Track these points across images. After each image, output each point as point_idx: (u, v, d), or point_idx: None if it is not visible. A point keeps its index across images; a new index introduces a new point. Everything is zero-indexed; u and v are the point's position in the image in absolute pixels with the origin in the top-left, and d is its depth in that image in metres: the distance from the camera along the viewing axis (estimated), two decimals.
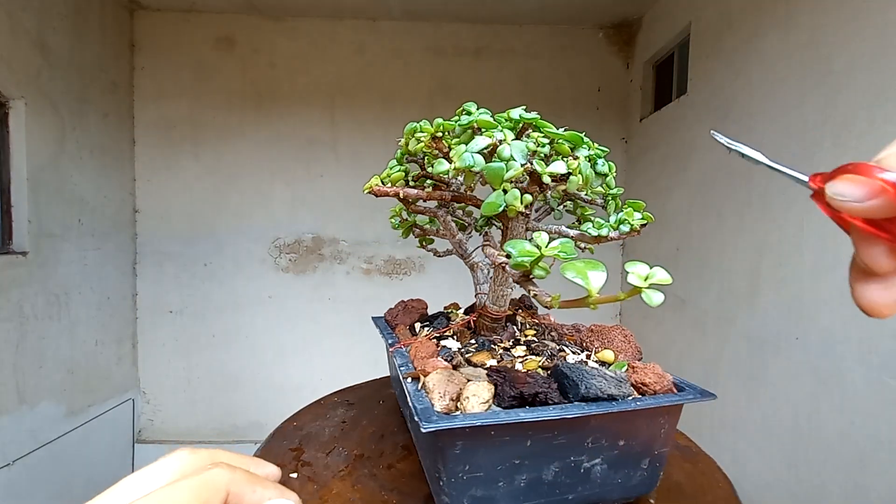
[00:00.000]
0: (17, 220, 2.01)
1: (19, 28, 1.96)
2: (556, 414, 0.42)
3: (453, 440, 0.42)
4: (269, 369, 2.86)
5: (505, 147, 0.47)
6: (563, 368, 0.47)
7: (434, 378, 0.48)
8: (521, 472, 0.45)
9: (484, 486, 0.44)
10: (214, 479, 0.23)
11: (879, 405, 1.16)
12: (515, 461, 0.44)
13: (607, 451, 0.46)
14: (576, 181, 0.47)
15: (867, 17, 1.23)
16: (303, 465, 0.63)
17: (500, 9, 2.65)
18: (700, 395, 0.47)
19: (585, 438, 0.45)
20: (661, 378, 0.49)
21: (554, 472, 0.45)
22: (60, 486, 2.22)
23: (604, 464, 0.46)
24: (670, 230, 2.30)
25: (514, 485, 0.45)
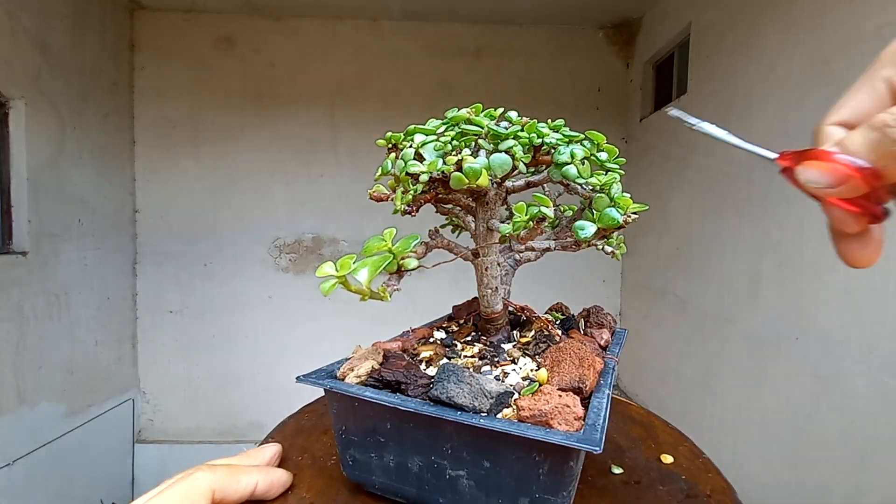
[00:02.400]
0: (17, 220, 2.01)
1: (19, 28, 1.96)
2: (388, 401, 0.44)
3: (332, 400, 0.49)
4: (269, 369, 2.86)
5: (409, 150, 0.51)
6: (444, 367, 0.47)
7: (361, 352, 0.55)
8: (389, 453, 0.48)
9: (359, 451, 0.49)
10: (196, 481, 0.25)
11: (879, 405, 1.16)
12: (380, 438, 0.47)
13: (471, 466, 0.44)
14: (458, 178, 0.48)
15: (867, 17, 1.23)
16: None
17: (500, 9, 2.65)
18: (573, 440, 0.38)
19: (443, 443, 0.45)
20: (551, 409, 0.42)
21: (419, 465, 0.46)
22: (60, 486, 2.22)
23: (470, 479, 0.44)
24: (670, 230, 2.29)
25: (384, 461, 0.48)
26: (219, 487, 0.25)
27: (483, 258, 0.58)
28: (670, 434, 0.76)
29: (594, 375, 0.49)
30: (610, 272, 2.96)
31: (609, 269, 2.95)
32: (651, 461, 0.64)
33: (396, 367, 0.50)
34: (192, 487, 0.24)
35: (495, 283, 0.60)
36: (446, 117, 0.55)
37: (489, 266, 0.59)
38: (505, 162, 0.49)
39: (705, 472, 0.63)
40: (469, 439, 0.43)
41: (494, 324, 0.62)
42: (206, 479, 0.25)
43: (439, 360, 0.56)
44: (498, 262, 0.60)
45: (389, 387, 0.48)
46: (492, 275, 0.59)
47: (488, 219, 0.57)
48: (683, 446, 0.71)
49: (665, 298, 2.34)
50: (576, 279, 2.89)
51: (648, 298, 2.55)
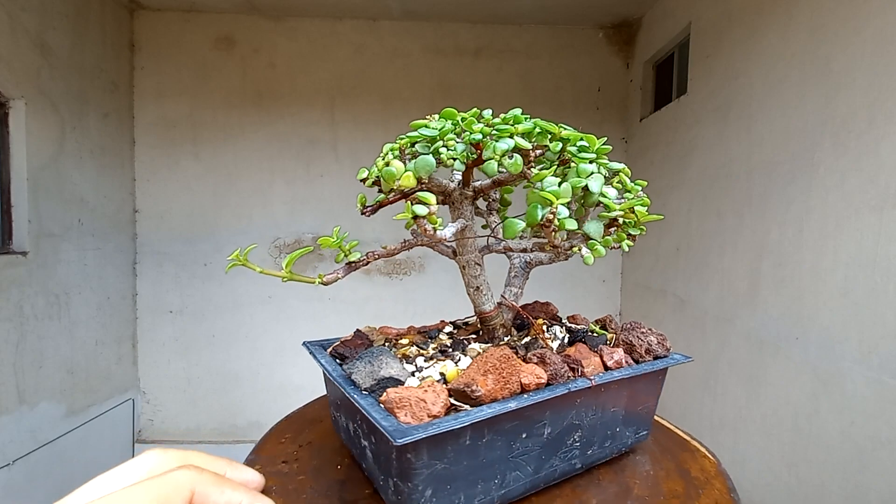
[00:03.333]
0: (17, 220, 2.01)
1: (19, 28, 1.96)
2: (323, 367, 0.55)
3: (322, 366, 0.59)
4: (269, 369, 2.86)
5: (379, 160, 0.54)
6: (371, 350, 0.54)
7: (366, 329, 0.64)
8: (340, 414, 0.58)
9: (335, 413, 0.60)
10: (178, 479, 0.23)
11: (879, 405, 1.16)
12: (337, 402, 0.58)
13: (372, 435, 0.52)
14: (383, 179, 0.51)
15: (867, 17, 1.23)
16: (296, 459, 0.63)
17: (500, 9, 2.65)
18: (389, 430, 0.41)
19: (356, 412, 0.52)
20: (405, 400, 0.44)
21: (353, 428, 0.55)
22: (60, 486, 2.22)
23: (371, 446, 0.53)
24: (670, 230, 2.30)
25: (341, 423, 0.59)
26: (200, 491, 0.24)
27: (459, 257, 0.59)
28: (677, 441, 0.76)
29: (503, 388, 0.47)
30: (610, 272, 2.96)
31: (609, 269, 2.95)
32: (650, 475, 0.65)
33: (354, 345, 0.59)
34: (171, 482, 0.23)
35: (476, 283, 0.60)
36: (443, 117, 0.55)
37: (466, 265, 0.60)
38: (427, 163, 0.51)
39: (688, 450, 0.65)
40: (351, 406, 0.51)
41: (487, 324, 0.62)
42: (189, 477, 0.24)
43: (409, 347, 0.61)
44: (477, 262, 0.60)
45: (341, 357, 0.57)
46: (471, 273, 0.60)
47: (457, 217, 0.58)
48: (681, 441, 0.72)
49: (665, 298, 2.34)
50: (576, 279, 2.89)
51: (648, 298, 2.55)
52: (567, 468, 0.54)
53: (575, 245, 0.56)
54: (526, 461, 0.50)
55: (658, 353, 0.63)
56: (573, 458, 0.54)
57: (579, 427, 0.54)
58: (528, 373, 0.49)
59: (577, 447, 0.54)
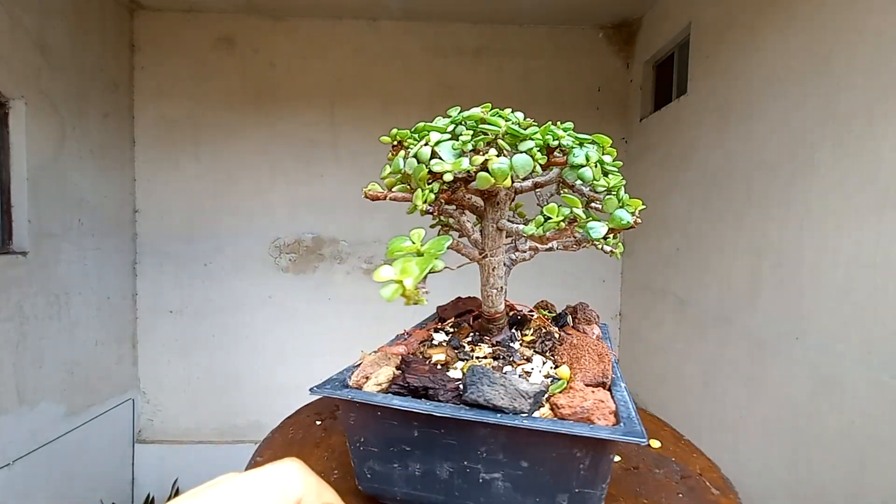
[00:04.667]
0: (17, 220, 2.01)
1: (19, 28, 1.96)
2: (422, 408, 0.43)
3: (348, 410, 0.46)
4: (269, 369, 2.86)
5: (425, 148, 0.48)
6: (473, 369, 0.46)
7: (368, 359, 0.52)
8: (414, 461, 0.46)
9: (380, 463, 0.47)
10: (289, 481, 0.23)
11: (879, 405, 1.16)
12: (406, 447, 0.46)
13: (507, 468, 0.43)
14: (484, 177, 0.47)
15: (867, 17, 1.23)
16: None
17: (500, 9, 2.65)
18: (619, 434, 0.39)
19: (476, 446, 0.44)
20: (591, 406, 0.42)
21: (448, 471, 0.45)
22: (60, 486, 2.22)
23: (506, 482, 0.44)
24: (670, 230, 2.30)
25: (408, 471, 0.46)
26: None
27: (490, 258, 0.58)
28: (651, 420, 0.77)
29: (611, 370, 0.49)
30: (610, 272, 2.96)
31: (609, 269, 2.95)
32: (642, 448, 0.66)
33: (421, 373, 0.48)
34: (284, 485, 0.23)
35: (500, 283, 0.59)
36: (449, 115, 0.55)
37: (496, 266, 0.58)
38: (527, 163, 0.48)
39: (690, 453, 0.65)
40: (505, 441, 0.42)
41: (497, 323, 0.62)
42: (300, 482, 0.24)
43: (454, 362, 0.54)
44: (504, 263, 0.60)
45: (415, 393, 0.46)
46: (498, 275, 0.59)
47: (498, 219, 0.57)
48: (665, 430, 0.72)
49: (665, 298, 2.34)
50: (576, 279, 2.89)
51: (648, 298, 2.55)
52: None
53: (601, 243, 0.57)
54: None
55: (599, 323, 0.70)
56: None
57: None
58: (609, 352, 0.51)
59: None
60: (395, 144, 0.56)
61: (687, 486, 0.56)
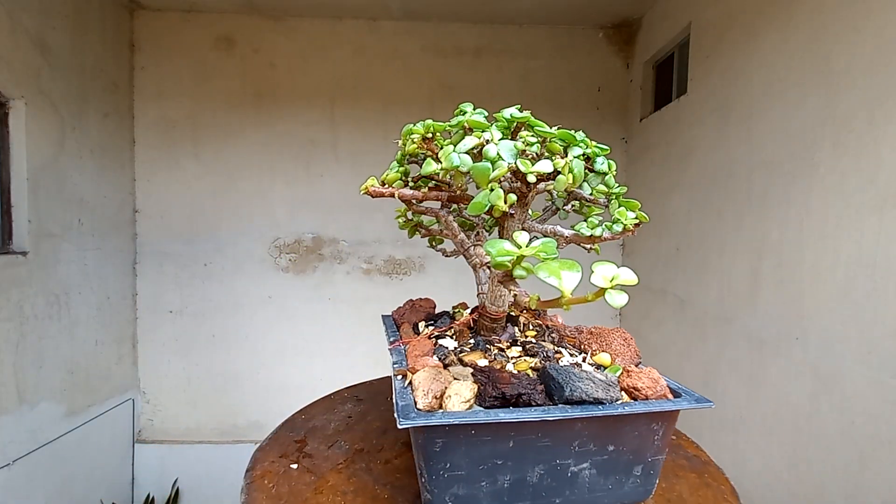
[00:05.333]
0: (17, 220, 2.01)
1: (19, 28, 1.96)
2: (536, 416, 0.42)
3: (433, 438, 0.43)
4: (269, 369, 2.86)
5: (491, 146, 0.47)
6: (551, 370, 0.46)
7: (420, 376, 0.49)
8: (505, 473, 0.45)
9: (466, 485, 0.45)
10: None
11: (879, 405, 1.16)
12: (498, 461, 0.44)
13: (595, 455, 0.45)
14: (563, 180, 0.47)
15: (867, 17, 1.23)
16: (304, 457, 0.63)
17: (500, 9, 2.65)
18: (696, 402, 0.45)
19: (572, 442, 0.45)
20: (656, 383, 0.48)
21: (539, 474, 0.45)
22: (60, 486, 2.22)
23: (592, 469, 0.45)
24: (670, 230, 2.29)
25: (497, 485, 0.45)
26: None
27: None
28: None
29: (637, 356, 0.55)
30: None
31: None
32: None
33: (506, 381, 0.47)
34: None
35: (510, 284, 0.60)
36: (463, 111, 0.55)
37: None
38: (581, 170, 0.49)
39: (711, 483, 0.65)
40: (598, 430, 0.45)
41: (500, 323, 0.63)
42: None
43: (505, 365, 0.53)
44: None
45: (507, 402, 0.46)
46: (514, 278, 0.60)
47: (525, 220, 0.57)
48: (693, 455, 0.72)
49: (665, 298, 2.34)
50: None
51: (648, 298, 2.55)
52: None
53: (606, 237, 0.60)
54: None
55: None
56: None
57: None
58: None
59: None
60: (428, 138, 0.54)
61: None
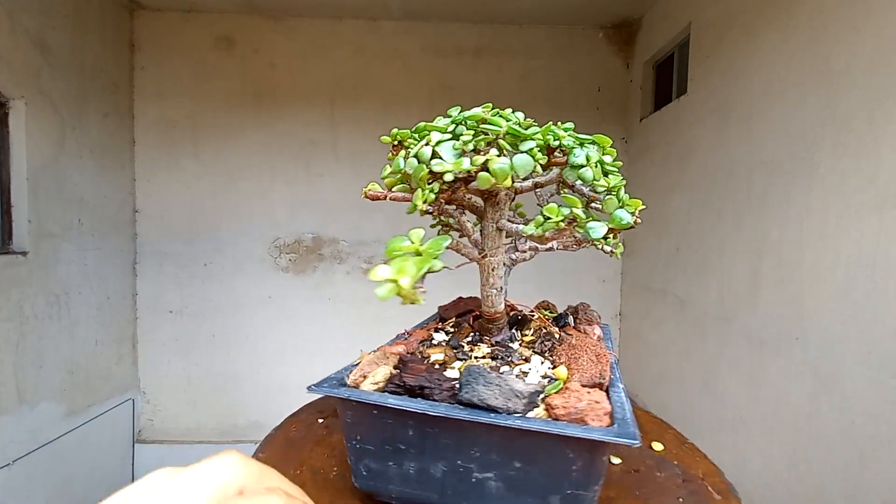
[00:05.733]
0: (17, 220, 2.01)
1: (19, 28, 1.96)
2: (417, 407, 0.43)
3: (345, 410, 0.47)
4: (269, 369, 2.86)
5: (426, 148, 0.48)
6: (466, 371, 0.46)
7: (367, 358, 0.53)
8: (410, 460, 0.46)
9: (375, 461, 0.48)
10: None
11: (879, 405, 1.16)
12: (401, 446, 0.46)
13: (500, 468, 0.43)
14: (485, 178, 0.47)
15: (867, 17, 1.23)
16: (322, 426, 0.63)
17: (500, 9, 2.65)
18: (616, 436, 0.38)
19: (470, 446, 0.44)
20: (588, 406, 0.42)
21: (442, 470, 0.45)
22: (60, 486, 2.22)
23: (499, 481, 0.44)
24: (670, 230, 2.29)
25: (403, 469, 0.47)
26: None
27: (490, 258, 0.58)
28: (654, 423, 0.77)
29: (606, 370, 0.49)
30: (610, 272, 2.96)
31: (609, 269, 2.95)
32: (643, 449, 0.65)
33: (417, 372, 0.49)
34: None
35: (500, 283, 0.60)
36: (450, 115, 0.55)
37: (496, 266, 0.58)
38: (527, 163, 0.48)
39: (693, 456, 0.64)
40: (500, 441, 0.43)
41: (497, 323, 0.62)
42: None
43: (452, 362, 0.55)
44: (504, 263, 0.60)
45: (411, 392, 0.47)
46: (497, 275, 0.59)
47: (498, 219, 0.57)
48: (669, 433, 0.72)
49: (665, 298, 2.34)
50: (576, 279, 2.89)
51: (648, 298, 2.55)
52: None
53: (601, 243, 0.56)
54: None
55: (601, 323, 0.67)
56: None
57: None
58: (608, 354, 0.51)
59: None
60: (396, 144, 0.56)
61: (688, 490, 0.55)
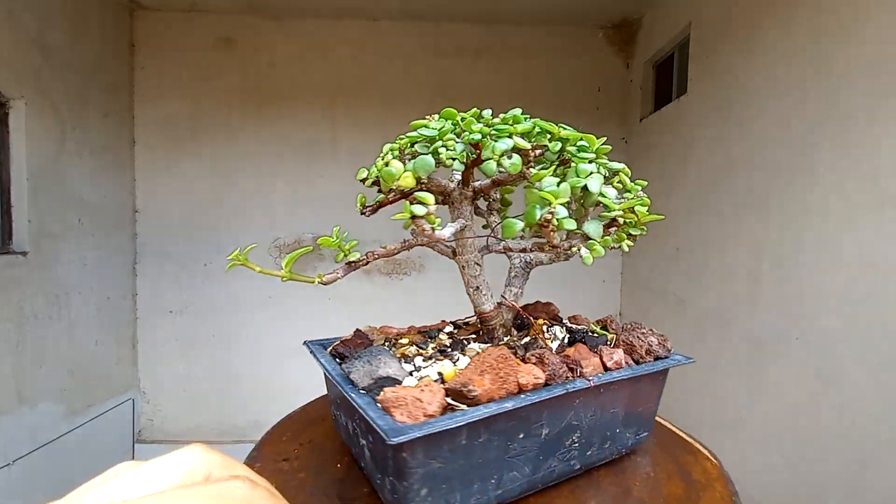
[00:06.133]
0: (17, 220, 2.01)
1: (19, 28, 1.96)
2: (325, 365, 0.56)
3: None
4: (269, 369, 2.86)
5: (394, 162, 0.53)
6: (370, 349, 0.55)
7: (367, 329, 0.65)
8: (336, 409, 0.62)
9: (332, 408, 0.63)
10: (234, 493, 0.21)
11: (879, 405, 1.16)
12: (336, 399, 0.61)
13: (348, 418, 0.57)
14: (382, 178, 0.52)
15: (867, 17, 1.23)
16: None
17: (500, 9, 2.65)
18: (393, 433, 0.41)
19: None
20: (403, 399, 0.44)
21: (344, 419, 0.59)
22: (60, 486, 2.22)
23: (356, 426, 0.55)
24: (670, 230, 2.29)
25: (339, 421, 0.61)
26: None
27: (459, 256, 0.59)
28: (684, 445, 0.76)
29: (500, 388, 0.46)
30: (610, 272, 2.96)
31: (609, 270, 2.95)
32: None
33: (353, 345, 0.59)
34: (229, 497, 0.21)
35: (476, 283, 0.60)
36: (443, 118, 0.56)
37: (465, 265, 0.60)
38: (426, 164, 0.51)
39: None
40: (349, 405, 0.50)
41: (487, 324, 0.62)
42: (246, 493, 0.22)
43: (408, 347, 0.61)
44: (476, 262, 0.60)
45: (341, 357, 0.58)
46: (471, 273, 0.60)
47: (456, 217, 0.58)
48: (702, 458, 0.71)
49: (665, 298, 2.34)
50: (576, 279, 2.89)
51: (648, 298, 2.55)
52: (566, 469, 0.54)
53: (574, 245, 0.56)
54: (523, 462, 0.49)
55: (659, 353, 0.62)
56: (572, 459, 0.54)
57: (578, 428, 0.53)
58: (526, 373, 0.49)
59: (575, 448, 0.54)
60: None
61: None
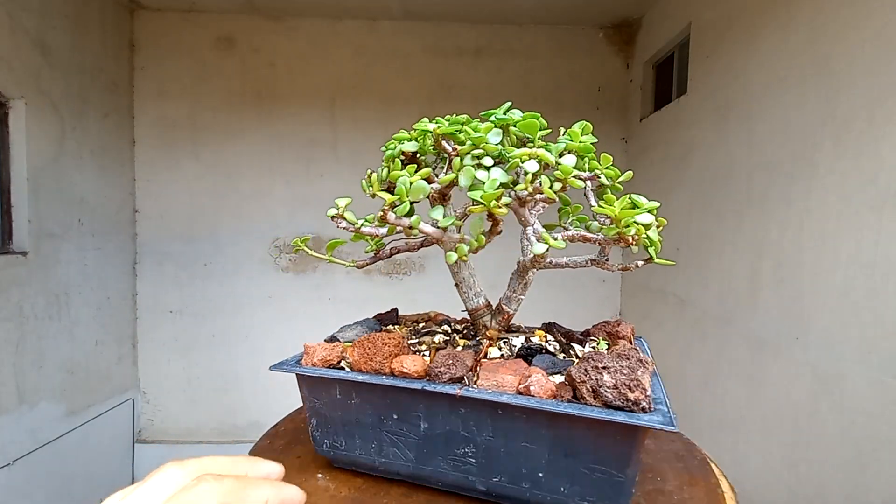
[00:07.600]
0: (17, 220, 2.01)
1: (19, 28, 1.96)
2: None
3: None
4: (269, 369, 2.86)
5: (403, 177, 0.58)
6: None
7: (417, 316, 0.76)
8: None
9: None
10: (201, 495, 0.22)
11: (879, 405, 1.16)
12: None
13: None
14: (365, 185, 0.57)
15: (867, 17, 1.23)
16: None
17: (500, 9, 2.65)
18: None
19: None
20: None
21: None
22: (60, 486, 2.22)
23: None
24: (670, 230, 2.29)
25: None
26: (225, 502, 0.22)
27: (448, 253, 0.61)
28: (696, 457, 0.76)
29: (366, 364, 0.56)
30: (610, 273, 2.96)
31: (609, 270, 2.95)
32: None
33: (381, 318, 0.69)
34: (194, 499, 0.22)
35: (456, 279, 0.64)
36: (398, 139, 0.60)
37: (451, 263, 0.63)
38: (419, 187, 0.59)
39: None
40: None
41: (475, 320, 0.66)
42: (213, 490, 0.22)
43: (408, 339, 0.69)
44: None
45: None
46: (453, 270, 0.63)
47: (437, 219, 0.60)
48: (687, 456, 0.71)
49: (665, 298, 2.34)
50: (576, 279, 2.89)
51: (648, 298, 2.55)
52: (462, 480, 0.53)
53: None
54: (403, 444, 0.55)
55: (610, 400, 0.45)
56: (469, 473, 0.53)
57: (471, 441, 0.52)
58: (400, 362, 0.54)
59: (471, 463, 0.52)
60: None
61: None
